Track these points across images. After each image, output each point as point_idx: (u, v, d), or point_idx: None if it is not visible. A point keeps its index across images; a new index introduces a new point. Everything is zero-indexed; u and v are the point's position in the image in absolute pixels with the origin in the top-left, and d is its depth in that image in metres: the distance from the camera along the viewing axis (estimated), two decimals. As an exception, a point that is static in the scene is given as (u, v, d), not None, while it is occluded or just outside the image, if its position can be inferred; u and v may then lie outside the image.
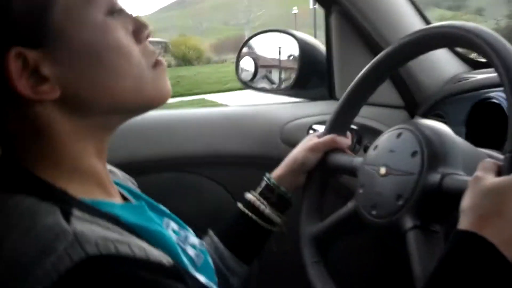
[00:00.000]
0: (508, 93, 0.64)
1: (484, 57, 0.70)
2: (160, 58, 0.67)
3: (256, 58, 1.48)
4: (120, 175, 0.82)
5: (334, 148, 0.95)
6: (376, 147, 0.84)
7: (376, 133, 1.27)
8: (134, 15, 0.65)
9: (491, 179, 0.62)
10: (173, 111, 1.32)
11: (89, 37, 0.59)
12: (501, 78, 0.66)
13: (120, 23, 0.63)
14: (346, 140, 0.97)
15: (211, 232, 0.95)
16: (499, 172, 0.63)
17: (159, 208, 0.78)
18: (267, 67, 1.49)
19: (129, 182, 0.84)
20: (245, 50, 1.48)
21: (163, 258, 0.54)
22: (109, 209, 0.59)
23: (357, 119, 1.19)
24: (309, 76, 1.38)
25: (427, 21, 1.24)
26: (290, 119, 1.27)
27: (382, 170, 0.79)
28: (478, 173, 0.64)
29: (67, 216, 0.52)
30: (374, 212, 0.78)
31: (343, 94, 0.97)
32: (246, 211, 0.95)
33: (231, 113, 1.33)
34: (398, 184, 0.75)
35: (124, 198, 0.73)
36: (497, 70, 0.67)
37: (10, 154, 0.61)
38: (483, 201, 0.61)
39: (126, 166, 0.86)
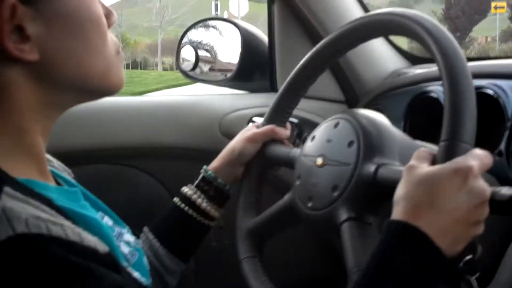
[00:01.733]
0: (445, 80, 0.63)
1: (422, 44, 0.69)
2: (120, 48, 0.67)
3: (197, 48, 1.44)
4: (56, 164, 0.77)
5: (273, 139, 0.93)
6: (313, 137, 0.83)
7: (316, 126, 1.27)
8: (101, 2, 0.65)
9: (424, 168, 0.61)
10: (106, 99, 1.24)
11: (76, 5, 0.58)
12: (438, 65, 0.65)
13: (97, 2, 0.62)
14: (285, 131, 0.95)
15: (146, 229, 0.91)
16: (434, 162, 0.62)
17: (94, 200, 0.74)
18: (208, 58, 1.45)
19: (65, 172, 0.79)
20: (185, 39, 1.43)
21: (99, 245, 0.51)
22: (43, 191, 0.56)
23: (298, 112, 1.19)
24: (251, 67, 1.35)
25: (367, 11, 1.25)
26: (230, 110, 1.24)
27: (319, 161, 0.78)
28: (412, 162, 0.63)
29: None
30: (310, 204, 0.77)
31: None
32: (182, 205, 0.91)
33: (169, 102, 1.28)
34: (334, 174, 0.75)
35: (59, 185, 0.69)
36: (434, 57, 0.66)
37: None
38: (416, 191, 0.60)
39: (56, 157, 0.80)
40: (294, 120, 1.24)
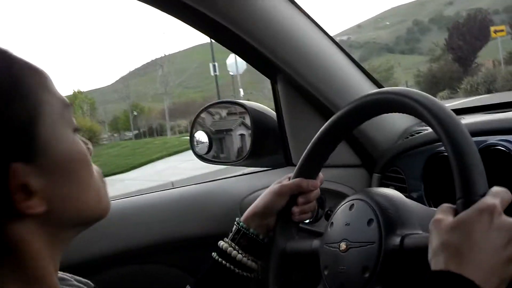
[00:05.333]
0: (445, 143, 0.65)
1: (424, 121, 0.71)
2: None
3: (209, 131, 1.46)
4: (75, 281, 0.77)
5: (301, 192, 0.93)
6: (331, 224, 0.83)
7: (338, 195, 1.26)
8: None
9: (452, 218, 0.62)
10: (125, 199, 1.26)
11: (65, 151, 0.61)
12: (440, 135, 0.67)
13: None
14: (313, 183, 0.94)
15: (188, 287, 0.93)
16: (456, 214, 0.62)
17: None
18: (222, 139, 1.47)
19: (85, 286, 0.79)
20: (197, 124, 1.46)
21: None
22: None
23: (317, 183, 1.18)
24: (264, 144, 1.37)
25: (373, 80, 1.26)
26: (249, 192, 1.24)
27: (343, 246, 0.77)
28: (437, 216, 0.63)
29: None
30: None
31: (299, 159, 0.95)
32: (220, 259, 0.93)
33: (187, 192, 1.29)
34: (361, 255, 0.74)
35: None
36: (434, 130, 0.68)
37: None
38: (450, 239, 0.60)
39: (79, 266, 0.80)
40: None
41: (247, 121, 1.37)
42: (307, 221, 1.23)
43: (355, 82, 1.20)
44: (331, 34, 1.19)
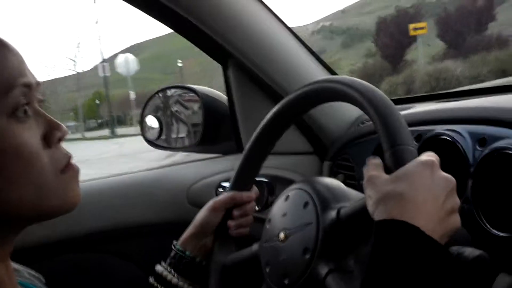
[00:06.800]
0: (369, 110, 0.67)
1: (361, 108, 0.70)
2: (71, 161, 0.63)
3: (160, 116, 1.42)
4: (26, 273, 0.74)
5: (236, 205, 0.92)
6: (269, 220, 0.81)
7: (288, 182, 1.25)
8: (48, 116, 0.62)
9: (385, 175, 0.62)
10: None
11: None
12: (368, 112, 0.67)
13: (27, 127, 0.58)
14: (248, 195, 0.92)
15: None
16: (387, 170, 0.63)
17: None
18: (172, 124, 1.43)
19: (37, 280, 0.75)
20: (147, 110, 1.42)
21: None
22: None
23: (268, 170, 1.17)
24: (216, 130, 1.34)
25: (326, 67, 1.25)
26: (197, 179, 1.21)
27: (282, 236, 0.76)
28: (371, 172, 0.64)
29: None
30: (287, 281, 0.73)
31: None
32: (157, 284, 0.89)
33: (134, 179, 1.25)
34: (300, 240, 0.73)
35: None
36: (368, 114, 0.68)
37: None
38: (393, 189, 0.60)
39: (25, 252, 0.76)
40: (264, 180, 1.22)
41: (198, 106, 1.34)
42: (257, 208, 1.22)
43: (306, 68, 1.19)
44: (314, 19, 1.17)
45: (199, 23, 1.09)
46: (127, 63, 18.25)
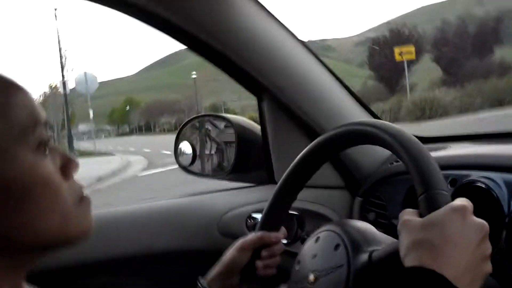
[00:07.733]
0: (403, 157, 0.68)
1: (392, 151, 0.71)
2: (85, 193, 0.66)
3: (194, 143, 1.45)
4: None
5: (264, 245, 0.92)
6: (298, 262, 0.81)
7: (318, 216, 1.24)
8: (61, 151, 0.65)
9: (419, 219, 0.62)
10: (105, 210, 1.24)
11: (16, 175, 0.57)
12: (400, 156, 0.68)
13: (50, 160, 0.62)
14: (276, 235, 0.93)
15: None
16: (420, 214, 0.64)
17: None
18: (206, 151, 1.45)
19: None
20: (182, 135, 1.45)
21: None
22: None
23: (298, 203, 1.16)
24: (248, 159, 1.35)
25: (363, 105, 1.25)
26: (228, 209, 1.22)
27: (311, 278, 0.75)
28: (405, 217, 0.64)
29: None
30: None
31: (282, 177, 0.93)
32: None
33: (166, 206, 1.27)
34: (330, 281, 0.72)
35: None
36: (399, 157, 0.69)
37: None
38: (423, 236, 0.60)
39: (53, 275, 0.78)
40: (294, 213, 1.22)
41: (232, 135, 1.36)
42: (285, 241, 1.22)
43: (344, 106, 1.19)
44: (359, 31, 1.17)
45: (234, 56, 1.10)
46: (87, 81, 17.95)
